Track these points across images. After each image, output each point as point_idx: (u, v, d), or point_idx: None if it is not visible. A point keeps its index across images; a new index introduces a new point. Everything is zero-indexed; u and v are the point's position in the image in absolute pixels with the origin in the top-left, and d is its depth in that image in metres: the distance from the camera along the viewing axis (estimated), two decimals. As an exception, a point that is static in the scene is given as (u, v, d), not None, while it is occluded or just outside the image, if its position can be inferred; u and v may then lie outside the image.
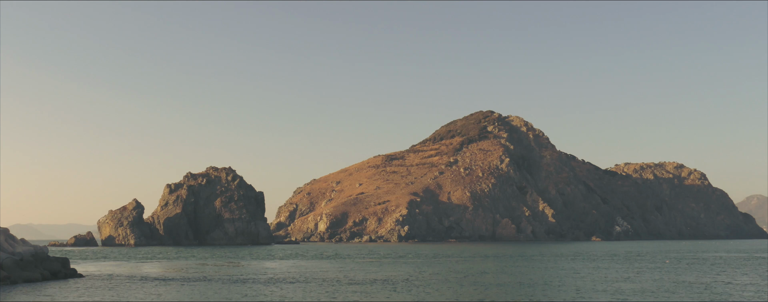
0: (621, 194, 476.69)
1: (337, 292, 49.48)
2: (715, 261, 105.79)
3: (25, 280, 59.56)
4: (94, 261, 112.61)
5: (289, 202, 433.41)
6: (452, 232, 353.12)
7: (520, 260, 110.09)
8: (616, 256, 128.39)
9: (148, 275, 71.84)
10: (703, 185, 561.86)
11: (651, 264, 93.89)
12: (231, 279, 64.82)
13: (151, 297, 45.87)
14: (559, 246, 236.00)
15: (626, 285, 56.39)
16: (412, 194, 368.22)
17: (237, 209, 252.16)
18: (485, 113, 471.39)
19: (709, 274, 70.85)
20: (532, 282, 59.10)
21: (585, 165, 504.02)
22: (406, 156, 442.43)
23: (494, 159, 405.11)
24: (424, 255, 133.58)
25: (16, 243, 66.69)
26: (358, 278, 65.69)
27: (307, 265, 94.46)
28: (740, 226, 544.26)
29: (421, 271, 77.39)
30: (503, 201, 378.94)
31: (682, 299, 43.64)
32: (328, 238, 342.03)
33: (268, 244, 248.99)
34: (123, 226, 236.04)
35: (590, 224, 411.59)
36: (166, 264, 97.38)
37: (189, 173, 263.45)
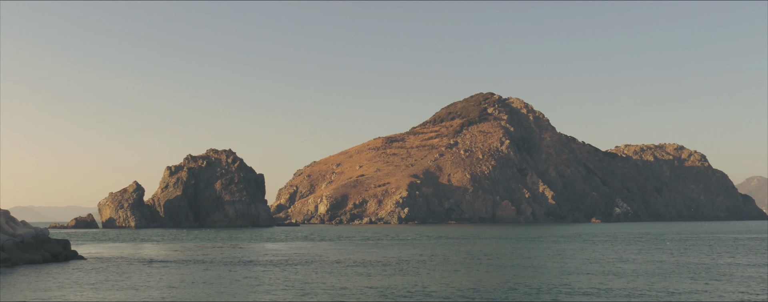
0: (621, 176, 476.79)
1: (339, 274, 49.43)
2: (715, 242, 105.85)
3: (26, 262, 59.53)
4: (95, 243, 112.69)
5: (289, 184, 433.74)
6: (452, 214, 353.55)
7: (520, 242, 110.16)
8: (616, 238, 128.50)
9: (150, 257, 71.83)
10: (703, 167, 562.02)
11: (652, 246, 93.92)
12: (233, 261, 64.81)
13: (153, 279, 45.82)
14: (559, 227, 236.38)
15: (627, 266, 56.35)
16: (412, 176, 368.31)
17: (237, 191, 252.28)
18: (485, 94, 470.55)
19: (710, 255, 70.84)
20: (532, 264, 59.06)
21: (585, 147, 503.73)
22: (407, 138, 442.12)
23: (494, 141, 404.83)
24: (424, 237, 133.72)
25: (16, 225, 66.61)
26: (360, 259, 65.67)
27: (309, 247, 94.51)
28: (740, 207, 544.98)
29: (423, 253, 77.39)
30: (503, 183, 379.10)
31: (684, 280, 43.58)
32: (329, 220, 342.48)
33: (269, 226, 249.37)
34: (123, 208, 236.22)
35: (590, 206, 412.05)
36: (166, 246, 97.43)
37: (189, 156, 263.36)
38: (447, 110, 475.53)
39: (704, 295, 35.26)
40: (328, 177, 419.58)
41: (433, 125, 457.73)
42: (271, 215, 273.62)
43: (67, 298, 35.33)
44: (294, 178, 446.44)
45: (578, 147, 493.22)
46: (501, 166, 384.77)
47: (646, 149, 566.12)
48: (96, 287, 40.99)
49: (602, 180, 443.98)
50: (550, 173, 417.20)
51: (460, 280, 44.22)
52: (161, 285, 41.75)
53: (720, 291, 37.10)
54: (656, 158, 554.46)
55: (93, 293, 37.78)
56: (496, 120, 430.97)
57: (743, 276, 46.85)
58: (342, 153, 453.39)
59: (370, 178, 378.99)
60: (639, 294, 35.68)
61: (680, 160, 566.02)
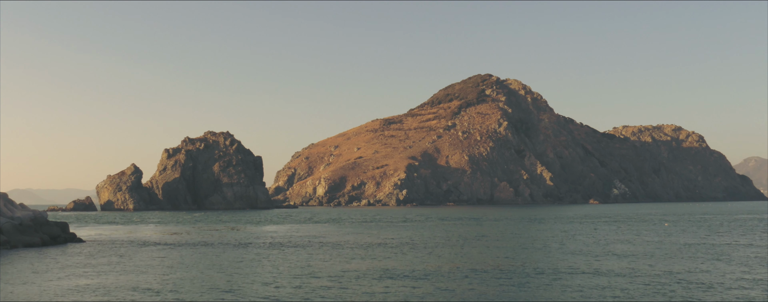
0: (619, 157, 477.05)
1: (339, 255, 49.36)
2: (714, 223, 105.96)
3: (25, 245, 59.41)
4: (94, 225, 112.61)
5: (288, 166, 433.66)
6: (450, 196, 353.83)
7: (519, 223, 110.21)
8: (615, 219, 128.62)
9: (148, 239, 71.74)
10: (701, 148, 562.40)
11: (650, 227, 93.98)
12: (232, 243, 64.73)
13: (153, 261, 45.72)
14: (557, 208, 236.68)
15: (628, 247, 56.32)
16: (411, 158, 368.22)
17: (235, 173, 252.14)
18: (483, 76, 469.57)
19: (709, 236, 70.85)
20: (533, 246, 59.02)
21: (583, 128, 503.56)
22: (404, 120, 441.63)
23: (492, 123, 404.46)
24: (423, 219, 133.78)
25: (15, 208, 66.43)
26: (360, 241, 65.61)
27: (307, 229, 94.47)
28: (738, 188, 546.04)
29: (423, 235, 77.37)
30: (501, 165, 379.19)
31: (684, 261, 43.53)
32: (327, 202, 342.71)
33: (267, 209, 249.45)
34: (121, 191, 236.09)
35: (588, 187, 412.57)
36: (165, 229, 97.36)
37: (187, 138, 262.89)
38: (445, 91, 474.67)
39: (705, 275, 35.20)
40: (327, 159, 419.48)
41: (431, 106, 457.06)
42: (269, 198, 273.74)
43: (68, 280, 35.22)
44: (292, 160, 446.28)
45: (576, 128, 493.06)
46: (499, 147, 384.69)
47: (644, 130, 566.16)
48: (96, 269, 40.88)
49: (600, 161, 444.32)
50: (548, 155, 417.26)
51: (462, 261, 44.15)
52: (161, 267, 41.65)
53: (721, 272, 37.04)
54: (654, 139, 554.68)
55: (93, 275, 37.66)
56: (494, 102, 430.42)
57: (743, 256, 46.82)
58: (340, 135, 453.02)
59: (368, 160, 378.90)
60: (640, 275, 35.61)
61: (678, 141, 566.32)
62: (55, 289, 31.71)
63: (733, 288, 30.29)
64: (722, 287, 30.59)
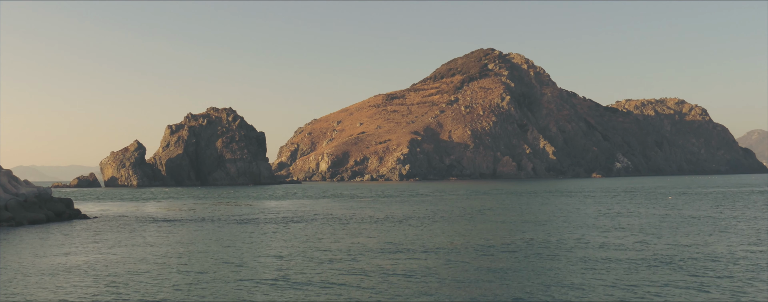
0: (622, 131, 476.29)
1: (346, 230, 49.34)
2: (717, 196, 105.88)
3: (30, 221, 59.44)
4: (98, 202, 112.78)
5: (290, 142, 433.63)
6: (453, 170, 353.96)
7: (523, 197, 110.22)
8: (618, 192, 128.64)
9: (153, 215, 71.79)
10: (703, 121, 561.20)
11: (654, 200, 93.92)
12: (237, 218, 64.75)
13: (160, 237, 45.71)
14: (560, 182, 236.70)
15: (633, 220, 56.23)
16: (413, 132, 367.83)
17: (238, 149, 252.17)
18: (486, 50, 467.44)
19: (714, 209, 70.77)
20: (539, 219, 58.97)
21: (586, 102, 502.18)
22: (407, 95, 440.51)
23: (495, 97, 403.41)
24: (427, 194, 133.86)
25: (19, 185, 66.39)
26: (365, 216, 65.62)
27: (311, 204, 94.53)
28: (740, 161, 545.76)
29: (427, 209, 77.37)
30: (504, 139, 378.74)
31: (690, 233, 43.44)
32: (330, 177, 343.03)
33: (270, 184, 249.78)
34: (125, 167, 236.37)
35: (591, 161, 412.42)
36: (169, 205, 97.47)
37: (190, 114, 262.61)
38: (447, 66, 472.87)
39: (709, 248, 35.10)
40: (329, 135, 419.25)
41: (434, 81, 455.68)
42: (272, 173, 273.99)
43: (75, 256, 35.20)
44: (295, 136, 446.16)
45: (579, 102, 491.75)
46: (502, 122, 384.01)
47: (647, 103, 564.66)
48: (102, 244, 40.88)
49: (603, 135, 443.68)
50: (551, 129, 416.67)
51: (468, 235, 44.09)
52: (168, 242, 41.63)
53: (725, 244, 36.94)
54: (657, 113, 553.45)
55: (100, 250, 37.65)
56: (497, 76, 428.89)
57: (749, 228, 46.71)
58: (342, 110, 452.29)
59: (371, 135, 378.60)
60: (647, 248, 35.51)
61: (681, 114, 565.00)
62: (62, 265, 31.69)
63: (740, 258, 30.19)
64: (729, 259, 30.50)
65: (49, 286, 25.36)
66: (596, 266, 28.86)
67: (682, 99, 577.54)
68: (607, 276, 26.03)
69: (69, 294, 23.66)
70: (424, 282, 25.19)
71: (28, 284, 25.98)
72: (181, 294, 23.20)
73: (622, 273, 26.79)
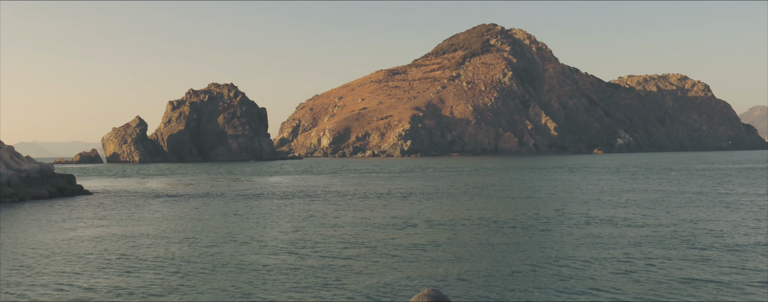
0: (624, 107, 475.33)
1: (351, 205, 49.21)
2: (721, 172, 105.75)
3: (32, 197, 59.34)
4: (100, 177, 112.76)
5: (292, 118, 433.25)
6: (455, 146, 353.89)
7: (526, 172, 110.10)
8: (620, 169, 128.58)
9: (156, 191, 71.69)
10: (706, 97, 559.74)
11: (657, 176, 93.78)
12: (240, 194, 64.64)
13: (163, 212, 45.60)
14: (562, 158, 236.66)
15: (638, 196, 56.07)
16: (415, 108, 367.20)
17: (240, 125, 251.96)
18: (488, 26, 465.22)
19: (719, 185, 70.62)
20: (541, 195, 58.82)
21: (588, 78, 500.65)
22: (409, 71, 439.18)
23: (497, 73, 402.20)
24: (429, 169, 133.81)
25: (21, 161, 66.23)
26: (368, 191, 65.50)
27: (314, 180, 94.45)
28: (742, 137, 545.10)
29: (430, 185, 77.26)
30: (506, 115, 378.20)
31: (696, 209, 43.29)
32: (332, 153, 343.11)
33: (272, 160, 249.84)
34: (127, 143, 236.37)
35: (592, 137, 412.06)
36: (172, 180, 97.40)
37: (191, 90, 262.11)
38: (449, 41, 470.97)
39: (714, 223, 34.95)
40: (331, 111, 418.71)
41: (436, 57, 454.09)
42: (274, 149, 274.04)
43: (78, 231, 35.08)
44: (296, 112, 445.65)
45: (581, 78, 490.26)
46: (503, 98, 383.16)
47: (650, 79, 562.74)
48: (106, 220, 40.77)
49: (605, 111, 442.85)
50: (553, 105, 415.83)
51: (472, 210, 43.95)
52: (170, 218, 41.51)
53: (730, 219, 36.79)
54: (659, 89, 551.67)
55: (104, 225, 37.54)
56: (499, 52, 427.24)
57: (752, 204, 46.55)
58: (344, 86, 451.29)
59: (372, 111, 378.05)
60: (652, 223, 35.36)
61: (683, 90, 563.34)
62: (66, 240, 31.57)
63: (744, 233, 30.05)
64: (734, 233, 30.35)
65: (55, 260, 25.24)
66: (602, 241, 28.71)
67: (684, 75, 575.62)
68: (614, 251, 25.87)
69: (75, 268, 23.54)
70: (430, 256, 25.06)
71: (33, 258, 25.85)
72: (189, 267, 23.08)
73: (628, 247, 26.64)
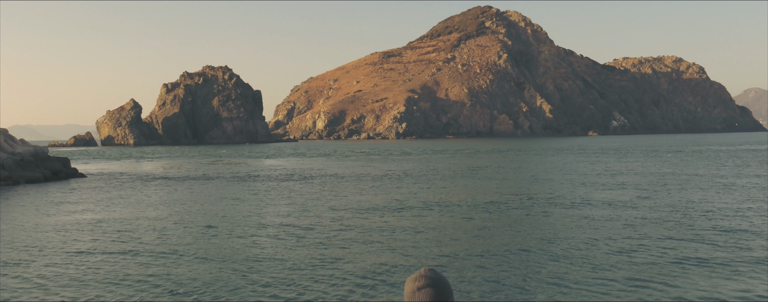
0: (619, 89, 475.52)
1: (348, 187, 49.20)
2: (717, 154, 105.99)
3: (27, 180, 59.17)
4: (95, 160, 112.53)
5: (287, 100, 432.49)
6: (450, 128, 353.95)
7: (522, 155, 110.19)
8: (616, 151, 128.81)
9: (151, 173, 71.57)
10: (701, 79, 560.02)
11: (653, 158, 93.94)
12: (237, 176, 64.56)
13: (158, 195, 45.51)
14: (557, 140, 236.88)
15: (634, 178, 56.14)
16: (410, 91, 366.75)
17: (235, 108, 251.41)
18: (483, 8, 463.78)
19: (714, 167, 70.78)
20: (539, 177, 58.86)
21: (583, 60, 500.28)
22: (404, 53, 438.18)
23: (492, 55, 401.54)
24: (424, 152, 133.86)
25: (15, 144, 65.99)
26: (365, 174, 65.49)
27: (310, 162, 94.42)
28: (737, 119, 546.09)
29: (426, 167, 77.28)
30: (501, 97, 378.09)
31: (693, 191, 43.38)
32: (327, 136, 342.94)
33: (267, 142, 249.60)
34: (121, 126, 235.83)
35: (587, 119, 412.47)
36: (167, 163, 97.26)
37: (185, 73, 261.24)
38: (444, 23, 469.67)
39: (710, 204, 35.03)
40: (326, 93, 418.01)
41: (431, 39, 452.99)
42: (269, 132, 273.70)
43: (74, 215, 35.00)
44: (291, 94, 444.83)
45: (576, 60, 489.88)
46: (498, 80, 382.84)
47: (645, 61, 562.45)
48: (102, 203, 40.68)
49: (600, 93, 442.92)
50: (548, 87, 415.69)
51: (469, 193, 43.98)
52: (166, 200, 41.45)
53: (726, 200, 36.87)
54: (654, 71, 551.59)
55: (99, 209, 37.46)
56: (494, 34, 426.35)
57: (748, 185, 46.67)
58: (339, 69, 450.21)
59: (367, 93, 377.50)
60: (648, 205, 35.42)
61: (678, 72, 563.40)
62: (63, 222, 31.50)
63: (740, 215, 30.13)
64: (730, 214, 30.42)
65: (53, 243, 25.18)
66: (598, 222, 28.74)
67: (679, 57, 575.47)
68: (610, 232, 25.90)
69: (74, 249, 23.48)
70: (426, 237, 25.07)
71: (31, 241, 25.79)
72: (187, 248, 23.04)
73: (624, 229, 26.67)
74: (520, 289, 17.00)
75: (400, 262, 20.70)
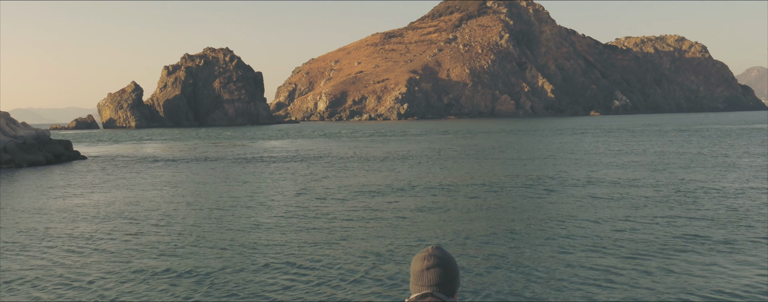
0: (621, 69, 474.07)
1: (347, 168, 49.10)
2: (719, 133, 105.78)
3: (29, 163, 59.11)
4: (97, 143, 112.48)
5: (288, 82, 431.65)
6: (451, 109, 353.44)
7: (525, 135, 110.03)
8: (619, 130, 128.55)
9: (153, 156, 71.48)
10: (703, 58, 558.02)
11: (656, 137, 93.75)
12: (237, 158, 64.47)
13: (161, 177, 45.44)
14: (559, 120, 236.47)
15: (637, 157, 55.98)
16: (411, 71, 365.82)
17: (236, 89, 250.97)
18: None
19: (717, 146, 70.60)
20: (543, 156, 58.71)
21: (585, 40, 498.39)
22: (405, 34, 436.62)
23: (494, 35, 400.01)
24: (426, 132, 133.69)
25: (17, 127, 65.89)
26: (368, 155, 65.37)
27: (312, 144, 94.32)
28: (739, 98, 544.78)
29: (429, 148, 77.16)
30: (502, 77, 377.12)
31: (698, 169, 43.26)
32: (328, 117, 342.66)
33: (268, 124, 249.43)
34: (123, 109, 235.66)
35: (589, 99, 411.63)
36: (169, 145, 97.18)
37: (186, 55, 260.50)
38: (445, 4, 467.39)
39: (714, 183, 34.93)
40: (327, 74, 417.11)
41: (432, 19, 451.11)
42: (270, 113, 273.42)
43: (77, 198, 34.94)
44: (292, 76, 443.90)
45: (578, 40, 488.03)
46: (500, 60, 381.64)
47: (647, 41, 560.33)
48: (105, 185, 40.60)
49: (602, 73, 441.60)
50: (550, 67, 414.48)
51: (474, 173, 43.87)
52: (169, 182, 41.36)
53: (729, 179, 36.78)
54: (657, 50, 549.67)
55: (103, 191, 37.39)
56: (496, 14, 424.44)
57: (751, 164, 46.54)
58: (340, 50, 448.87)
59: (368, 74, 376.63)
60: (653, 184, 35.31)
61: (681, 52, 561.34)
62: (68, 205, 31.44)
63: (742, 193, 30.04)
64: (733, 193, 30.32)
65: (58, 224, 25.13)
66: (602, 201, 28.65)
67: (681, 36, 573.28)
68: (615, 211, 25.83)
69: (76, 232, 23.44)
70: (431, 217, 25.01)
71: (33, 224, 25.74)
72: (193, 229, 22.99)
73: (629, 207, 26.59)
74: (524, 266, 16.94)
75: (405, 241, 20.65)
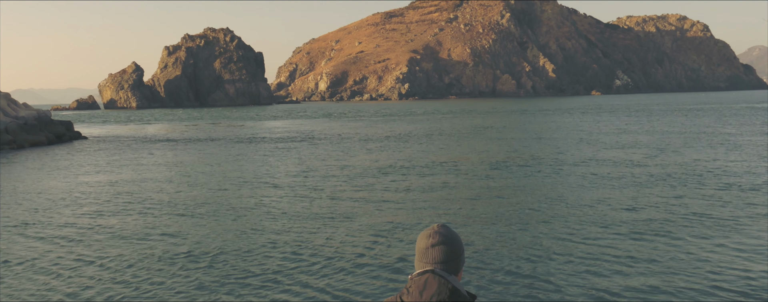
0: (622, 48, 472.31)
1: (349, 149, 49.07)
2: (723, 112, 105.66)
3: (31, 144, 59.09)
4: (98, 124, 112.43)
5: (289, 62, 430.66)
6: (452, 89, 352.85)
7: (525, 115, 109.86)
8: (621, 109, 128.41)
9: (154, 136, 71.46)
10: (705, 37, 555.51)
11: (658, 117, 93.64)
12: (238, 138, 64.45)
13: (165, 157, 45.43)
14: (560, 100, 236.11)
15: (639, 137, 55.94)
16: (412, 51, 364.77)
17: (237, 70, 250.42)
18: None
19: (719, 125, 70.55)
20: (547, 136, 58.66)
21: (587, 19, 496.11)
22: (406, 13, 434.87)
23: (495, 14, 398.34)
24: (427, 112, 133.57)
25: (18, 108, 65.80)
26: (369, 134, 65.34)
27: (314, 124, 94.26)
28: (740, 78, 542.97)
29: (430, 127, 77.13)
30: (503, 57, 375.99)
31: (703, 148, 43.22)
32: (329, 97, 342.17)
33: (269, 104, 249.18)
34: (124, 89, 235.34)
35: (590, 79, 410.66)
36: (170, 126, 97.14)
37: (187, 35, 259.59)
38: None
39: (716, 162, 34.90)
40: (328, 54, 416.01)
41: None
42: (271, 94, 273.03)
43: (79, 177, 34.95)
44: (293, 56, 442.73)
45: (579, 19, 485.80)
46: (501, 40, 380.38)
47: (648, 20, 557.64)
48: (107, 165, 40.60)
49: (603, 52, 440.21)
50: (551, 46, 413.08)
51: (476, 152, 43.85)
52: (172, 162, 41.35)
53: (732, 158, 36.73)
54: (658, 29, 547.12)
55: (104, 171, 37.39)
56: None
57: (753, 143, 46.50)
58: (341, 29, 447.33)
59: (369, 54, 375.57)
60: (656, 164, 35.30)
61: (682, 31, 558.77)
62: (72, 185, 31.44)
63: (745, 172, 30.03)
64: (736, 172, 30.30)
65: (59, 205, 25.13)
66: (605, 180, 28.64)
67: (683, 15, 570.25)
68: (618, 191, 25.82)
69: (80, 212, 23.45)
70: (435, 196, 25.01)
71: (36, 204, 25.75)
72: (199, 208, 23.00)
73: (632, 186, 26.58)
74: (527, 245, 16.95)
75: (410, 220, 20.66)
